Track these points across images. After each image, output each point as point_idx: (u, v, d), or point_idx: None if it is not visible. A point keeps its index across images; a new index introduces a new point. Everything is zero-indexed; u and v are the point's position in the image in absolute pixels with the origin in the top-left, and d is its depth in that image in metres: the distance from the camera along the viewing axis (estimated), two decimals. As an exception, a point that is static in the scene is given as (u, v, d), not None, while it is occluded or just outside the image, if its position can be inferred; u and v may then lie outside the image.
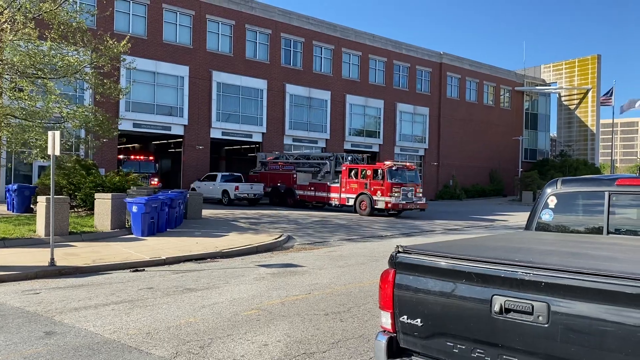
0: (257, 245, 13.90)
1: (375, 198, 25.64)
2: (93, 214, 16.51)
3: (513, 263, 3.06)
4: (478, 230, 20.97)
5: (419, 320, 3.36)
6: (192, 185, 32.19)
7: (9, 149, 18.39)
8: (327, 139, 41.66)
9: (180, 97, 34.28)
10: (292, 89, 39.52)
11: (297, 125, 39.90)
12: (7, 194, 21.83)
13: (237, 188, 29.76)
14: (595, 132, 60.26)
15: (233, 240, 14.69)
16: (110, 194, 15.72)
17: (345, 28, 43.43)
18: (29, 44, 16.23)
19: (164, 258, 11.56)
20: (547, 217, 5.08)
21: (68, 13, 17.56)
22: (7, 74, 16.44)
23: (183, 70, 34.25)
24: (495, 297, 3.03)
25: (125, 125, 31.28)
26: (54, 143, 10.69)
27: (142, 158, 34.95)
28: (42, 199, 13.98)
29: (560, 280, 2.84)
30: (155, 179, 33.21)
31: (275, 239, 15.17)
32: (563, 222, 5.03)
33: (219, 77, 35.85)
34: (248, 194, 30.18)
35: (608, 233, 4.70)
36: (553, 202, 5.06)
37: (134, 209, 14.95)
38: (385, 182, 25.26)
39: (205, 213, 22.29)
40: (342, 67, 42.89)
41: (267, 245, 14.20)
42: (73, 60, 16.64)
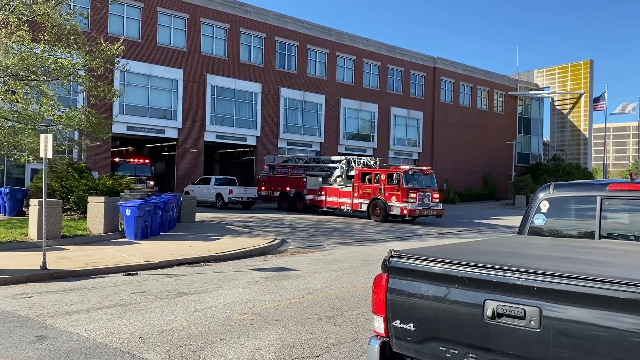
0: (250, 249, 13.87)
1: (390, 204, 24.59)
2: (86, 217, 16.43)
3: (506, 268, 3.07)
4: (471, 234, 21.02)
5: (412, 325, 3.36)
6: (185, 189, 32.08)
7: (2, 152, 18.27)
8: (321, 143, 41.69)
9: (175, 100, 34.22)
10: (286, 93, 39.55)
11: (291, 129, 39.92)
12: (-1, 197, 21.68)
13: (231, 191, 29.70)
14: (588, 136, 60.63)
15: (227, 244, 14.65)
16: (104, 197, 15.64)
17: (340, 32, 43.53)
18: (22, 46, 16.16)
19: (157, 262, 11.51)
20: (539, 221, 5.10)
21: (62, 15, 17.49)
22: (0, 77, 16.35)
23: (177, 74, 34.20)
24: (488, 301, 3.04)
25: (119, 128, 31.18)
26: (47, 146, 10.64)
27: (138, 161, 34.50)
28: (34, 202, 13.90)
29: (553, 285, 2.85)
30: (151, 182, 32.90)
31: (269, 243, 15.14)
32: (556, 226, 5.05)
33: (214, 80, 35.83)
34: (242, 198, 30.12)
35: (600, 237, 4.72)
36: (545, 206, 5.08)
37: (127, 213, 14.88)
38: (401, 187, 24.19)
39: (199, 216, 22.23)
40: (336, 71, 42.97)
41: (260, 249, 14.17)
42: (66, 63, 16.58)
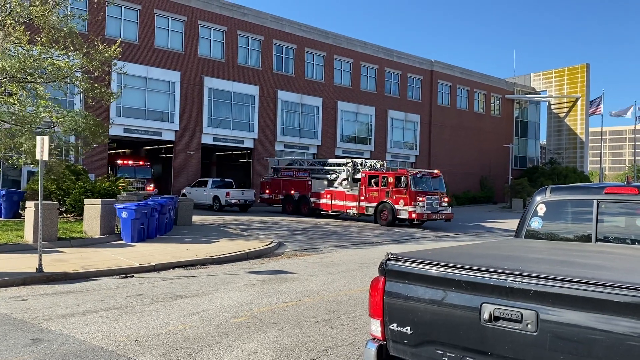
0: (247, 252, 13.85)
1: (398, 207, 23.95)
2: (82, 220, 16.38)
3: (502, 271, 3.07)
4: (468, 237, 21.03)
5: (409, 328, 3.36)
6: (182, 191, 32.04)
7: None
8: (318, 146, 41.71)
9: (172, 102, 34.20)
10: (283, 95, 39.57)
11: (288, 132, 39.92)
12: (-5, 199, 21.61)
13: (228, 194, 29.67)
14: (585, 140, 60.80)
15: (223, 247, 14.63)
16: (100, 200, 15.61)
17: (337, 35, 43.61)
18: (19, 48, 16.13)
19: (154, 264, 11.48)
20: (536, 224, 5.10)
21: (59, 17, 17.47)
22: (-4, 78, 16.30)
23: (174, 76, 34.19)
24: (485, 305, 3.04)
25: (116, 131, 31.14)
26: (43, 148, 10.61)
27: (137, 163, 33.90)
28: (30, 204, 13.86)
29: (549, 289, 2.86)
30: (151, 185, 32.52)
31: (266, 246, 15.12)
32: (552, 229, 5.05)
33: (211, 82, 35.82)
34: (239, 200, 30.09)
35: (597, 241, 4.73)
36: (542, 209, 5.09)
37: (124, 215, 14.85)
38: (409, 190, 23.57)
39: (196, 219, 22.19)
40: (333, 73, 43.02)
41: (257, 252, 14.14)
42: (63, 65, 16.55)
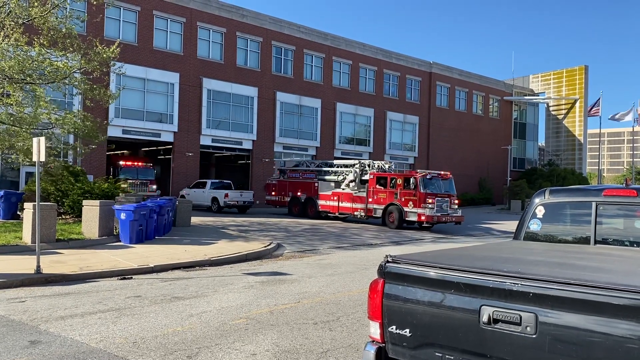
0: (246, 253, 13.84)
1: (407, 209, 23.43)
2: (81, 221, 16.35)
3: (501, 273, 3.07)
4: (467, 239, 21.04)
5: (408, 331, 3.35)
6: (181, 193, 32.01)
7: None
8: (317, 147, 41.73)
9: (170, 103, 34.19)
10: (282, 97, 39.58)
11: (287, 133, 39.93)
12: (-7, 200, 21.57)
13: (226, 195, 29.66)
14: (583, 141, 60.90)
15: (222, 248, 14.61)
16: (99, 201, 15.58)
17: (336, 37, 43.64)
18: (18, 49, 16.11)
19: (152, 266, 11.47)
20: (535, 226, 5.10)
21: (58, 18, 17.45)
22: (-5, 80, 16.28)
23: (173, 77, 34.18)
24: (484, 307, 3.03)
25: (115, 132, 31.13)
26: (39, 149, 10.59)
27: (140, 164, 33.14)
28: (28, 206, 13.82)
29: (548, 291, 2.86)
30: (154, 186, 31.91)
31: (265, 247, 15.11)
32: (551, 231, 5.06)
33: (210, 84, 35.82)
34: (238, 202, 30.08)
35: (595, 243, 4.74)
36: (541, 212, 5.09)
37: (122, 216, 14.83)
38: (418, 192, 23.01)
39: (195, 220, 22.17)
40: (332, 75, 43.04)
41: (256, 253, 14.14)
42: (62, 66, 16.53)
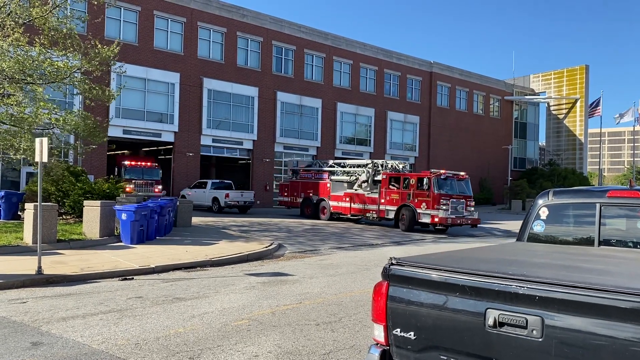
0: (247, 254, 13.82)
1: (420, 211, 22.53)
2: (82, 222, 16.34)
3: (507, 276, 3.05)
4: (468, 239, 21.02)
5: (413, 334, 3.34)
6: (182, 193, 32.00)
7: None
8: (317, 147, 41.72)
9: (171, 103, 34.18)
10: (283, 97, 39.57)
11: (288, 133, 39.92)
12: (-6, 201, 21.55)
13: (227, 195, 29.65)
14: (584, 141, 60.89)
15: (223, 249, 14.60)
16: (100, 202, 15.56)
17: (337, 36, 43.62)
18: (18, 49, 16.09)
19: (153, 266, 11.45)
20: (538, 228, 5.09)
21: (59, 19, 17.45)
22: (-5, 80, 16.27)
23: (174, 77, 34.17)
24: (489, 310, 3.02)
25: (115, 132, 31.12)
26: (42, 149, 10.59)
27: (146, 164, 32.44)
28: (29, 206, 13.81)
29: (554, 294, 2.84)
30: (159, 186, 31.53)
31: (266, 247, 15.09)
32: (555, 233, 5.04)
33: (210, 84, 35.81)
34: (238, 202, 30.07)
35: (599, 244, 4.72)
36: (545, 213, 5.08)
37: (123, 217, 14.82)
38: (432, 192, 22.13)
39: (195, 221, 22.16)
40: (333, 75, 43.03)
41: (257, 254, 14.12)
42: (62, 66, 16.52)
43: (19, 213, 20.05)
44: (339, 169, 27.89)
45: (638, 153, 70.20)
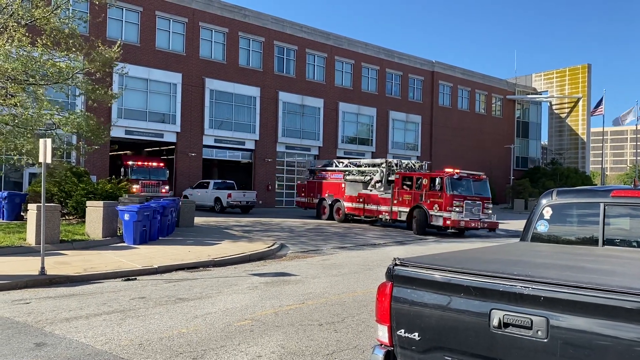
0: (250, 254, 13.82)
1: (432, 213, 21.30)
2: (84, 222, 16.36)
3: (511, 277, 3.04)
4: (471, 239, 20.99)
5: (417, 334, 3.33)
6: (184, 193, 32.02)
7: (0, 155, 18.21)
8: (319, 147, 41.73)
9: (173, 104, 34.22)
10: (285, 97, 39.58)
11: (290, 133, 39.93)
12: (-3, 201, 21.59)
13: (229, 195, 29.66)
14: (586, 140, 60.78)
15: (226, 249, 14.61)
16: (102, 202, 15.58)
17: (338, 36, 43.62)
18: (21, 50, 16.12)
19: (156, 267, 11.46)
20: (542, 228, 5.07)
21: (60, 19, 17.47)
22: (-2, 80, 16.30)
23: (176, 78, 34.21)
24: (494, 311, 3.01)
25: (118, 132, 31.15)
26: (46, 150, 10.61)
27: (152, 165, 32.16)
28: (32, 207, 13.83)
29: (560, 295, 2.83)
30: (166, 187, 31.25)
31: (269, 247, 15.09)
32: (558, 233, 5.02)
33: (212, 84, 35.84)
34: (241, 202, 30.08)
35: (604, 244, 4.70)
36: (548, 213, 5.06)
37: (126, 217, 14.83)
38: (444, 193, 20.95)
39: (198, 221, 22.18)
40: (335, 75, 43.03)
41: (260, 254, 14.12)
42: (65, 67, 16.54)
43: (22, 214, 20.09)
44: (354, 169, 26.81)
45: (641, 152, 70.03)
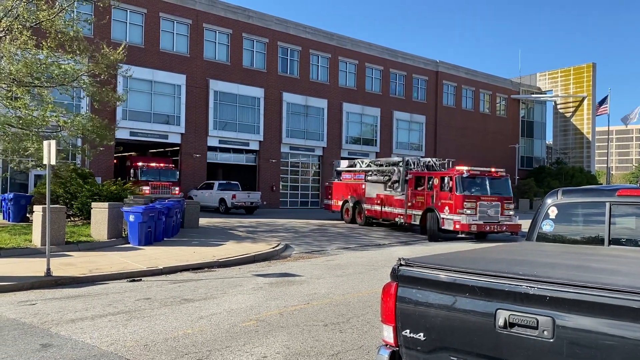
0: (254, 255, 13.84)
1: (443, 216, 19.21)
2: (90, 223, 16.42)
3: (517, 277, 3.03)
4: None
5: (422, 335, 3.32)
6: (189, 194, 32.07)
7: (5, 157, 18.29)
8: (324, 147, 41.72)
9: (178, 105, 34.29)
10: (289, 97, 39.59)
11: (294, 134, 39.95)
12: (3, 203, 21.70)
13: (234, 196, 29.70)
14: (591, 139, 60.52)
15: (230, 250, 14.62)
16: (107, 203, 15.63)
17: (342, 37, 43.60)
18: (26, 53, 16.19)
19: (161, 268, 11.49)
20: (548, 227, 5.05)
21: (65, 22, 17.54)
22: (3, 83, 16.38)
23: (180, 79, 34.28)
24: (500, 311, 3.00)
25: (122, 134, 31.23)
26: (50, 152, 10.65)
27: (162, 166, 31.49)
28: (38, 208, 13.90)
29: (565, 295, 2.82)
30: (177, 188, 30.76)
31: (273, 248, 15.10)
32: (564, 232, 5.00)
33: (216, 85, 35.89)
34: (245, 202, 30.12)
35: (609, 244, 4.67)
36: (554, 212, 5.04)
37: (131, 218, 14.87)
38: (454, 194, 18.94)
39: (202, 222, 22.21)
40: (338, 75, 43.02)
41: (264, 255, 14.13)
42: (70, 69, 16.61)
43: (28, 215, 20.17)
44: (374, 169, 25.27)
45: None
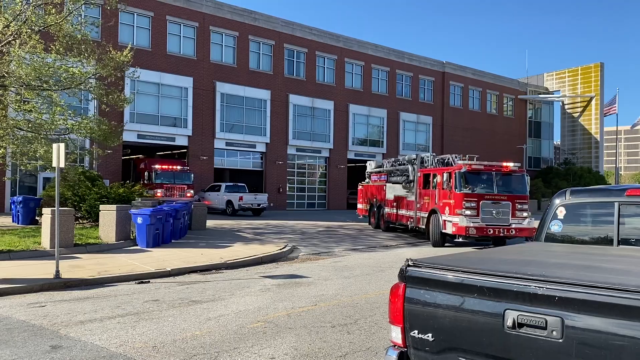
0: (262, 256, 13.85)
1: (444, 217, 17.17)
2: (98, 226, 16.52)
3: (526, 277, 3.02)
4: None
5: (430, 335, 3.32)
6: (197, 196, 32.18)
7: (15, 161, 18.45)
8: (330, 149, 41.75)
9: (184, 108, 34.43)
10: (295, 99, 39.65)
11: (300, 135, 40.00)
12: (12, 206, 21.87)
13: (241, 198, 29.76)
14: (599, 139, 60.16)
15: (238, 251, 14.65)
16: (115, 206, 15.71)
17: (348, 38, 43.63)
18: (34, 57, 16.34)
19: (169, 269, 11.53)
20: (556, 228, 5.03)
21: (73, 25, 17.68)
22: (13, 87, 16.53)
23: (187, 82, 34.42)
24: (508, 311, 2.99)
25: (130, 136, 31.41)
26: (59, 155, 10.72)
27: (177, 168, 31.21)
28: (47, 211, 13.98)
29: (574, 295, 2.80)
30: (191, 191, 30.65)
31: (280, 250, 15.12)
32: (572, 233, 4.98)
33: (223, 87, 36.02)
34: (252, 204, 30.18)
35: (618, 244, 4.65)
36: (562, 212, 5.02)
37: (139, 221, 14.93)
38: (453, 192, 16.88)
39: (210, 224, 22.27)
40: (345, 77, 43.04)
41: (272, 256, 14.15)
42: (77, 72, 16.73)
43: (37, 218, 20.30)
44: (393, 168, 23.62)
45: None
